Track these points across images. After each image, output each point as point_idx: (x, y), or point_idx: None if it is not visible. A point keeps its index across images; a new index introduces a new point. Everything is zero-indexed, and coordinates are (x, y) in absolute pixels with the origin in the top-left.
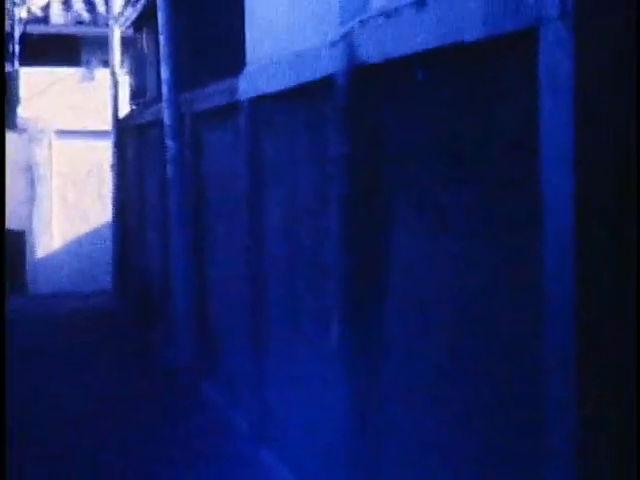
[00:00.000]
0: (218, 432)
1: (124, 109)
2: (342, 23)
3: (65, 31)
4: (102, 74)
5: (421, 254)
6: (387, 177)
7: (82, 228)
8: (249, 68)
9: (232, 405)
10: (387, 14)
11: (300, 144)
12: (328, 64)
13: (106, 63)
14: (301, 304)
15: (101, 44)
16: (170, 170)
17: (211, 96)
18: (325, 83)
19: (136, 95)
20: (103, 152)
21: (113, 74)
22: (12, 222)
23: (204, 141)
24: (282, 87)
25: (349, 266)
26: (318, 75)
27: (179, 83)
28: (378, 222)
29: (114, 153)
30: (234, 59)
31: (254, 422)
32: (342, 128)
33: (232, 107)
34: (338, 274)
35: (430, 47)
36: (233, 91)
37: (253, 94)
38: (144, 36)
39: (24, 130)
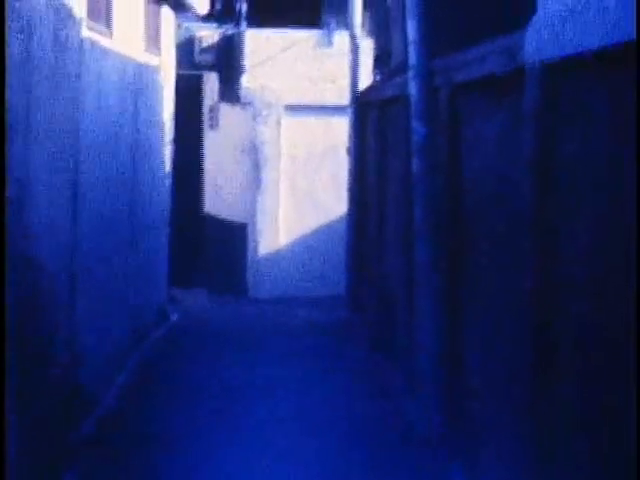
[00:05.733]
0: None
1: (365, 80)
2: None
3: None
4: (341, 38)
5: None
6: None
7: (313, 221)
8: (542, 16)
9: None
10: None
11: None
12: None
13: (347, 26)
14: None
15: (342, 4)
16: (416, 162)
17: (477, 61)
18: None
19: (380, 63)
20: (341, 131)
21: (353, 37)
22: (232, 213)
23: (465, 125)
24: (596, 45)
25: None
26: None
27: (431, 45)
28: None
29: (352, 133)
30: (512, 8)
31: None
32: None
33: (511, 77)
34: None
35: None
36: (513, 52)
37: (550, 55)
38: None
39: (248, 104)
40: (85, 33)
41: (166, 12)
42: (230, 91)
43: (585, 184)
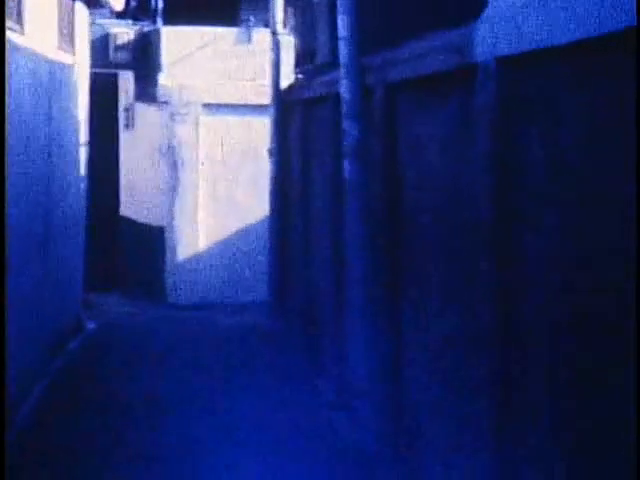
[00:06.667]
0: None
1: (287, 79)
2: None
3: None
4: (261, 35)
5: None
6: None
7: (234, 224)
8: (496, 9)
9: None
10: None
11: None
12: None
13: (267, 23)
14: None
15: (262, 0)
16: (348, 166)
17: (418, 58)
18: None
19: (303, 60)
20: (262, 131)
21: (274, 34)
22: (150, 216)
23: (403, 126)
24: (564, 40)
25: None
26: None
27: (364, 42)
28: None
29: (273, 134)
30: (449, 3)
31: None
32: None
33: (459, 74)
34: None
35: None
36: (462, 48)
37: (507, 51)
38: None
39: (165, 103)
40: None
41: (80, 8)
42: (146, 90)
43: (550, 188)
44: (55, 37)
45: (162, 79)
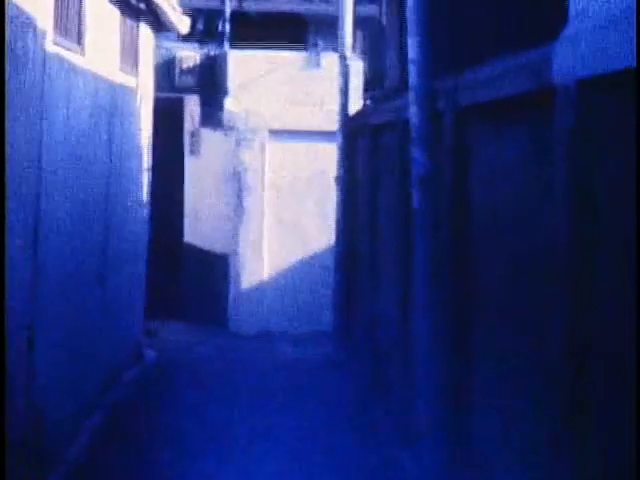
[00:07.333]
0: None
1: (356, 104)
2: None
3: (289, 9)
4: (330, 60)
5: None
6: None
7: (298, 252)
8: (578, 27)
9: None
10: None
11: None
12: None
13: (335, 47)
14: None
15: (331, 24)
16: (417, 195)
17: (491, 81)
18: None
19: (372, 85)
20: (329, 157)
21: (343, 59)
22: (214, 243)
23: (474, 154)
24: None
25: None
26: None
27: (434, 65)
28: None
29: (340, 161)
30: (534, 21)
31: None
32: None
33: (535, 98)
34: None
35: None
36: (539, 69)
37: (586, 73)
38: (384, 8)
39: (231, 128)
40: (50, 48)
41: (145, 30)
42: (212, 115)
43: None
44: (117, 59)
45: (228, 104)
